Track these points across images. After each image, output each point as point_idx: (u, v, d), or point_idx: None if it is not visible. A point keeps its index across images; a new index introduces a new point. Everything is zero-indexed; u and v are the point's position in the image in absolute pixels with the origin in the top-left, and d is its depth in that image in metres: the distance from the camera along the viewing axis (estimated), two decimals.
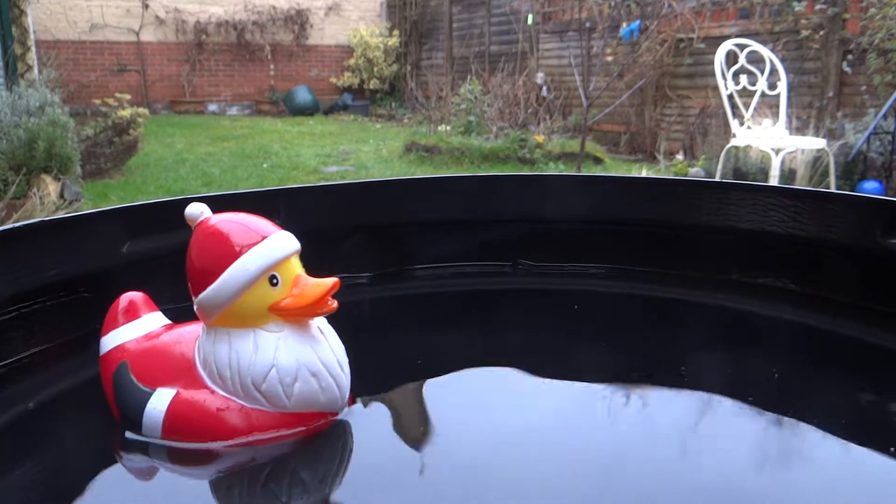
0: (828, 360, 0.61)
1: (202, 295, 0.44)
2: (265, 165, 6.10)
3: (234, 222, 0.45)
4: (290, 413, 0.44)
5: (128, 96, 6.17)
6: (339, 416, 0.46)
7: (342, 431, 0.46)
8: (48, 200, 4.03)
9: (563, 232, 0.74)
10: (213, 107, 10.47)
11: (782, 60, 4.45)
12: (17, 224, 0.52)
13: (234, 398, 0.44)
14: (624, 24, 6.58)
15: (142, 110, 5.90)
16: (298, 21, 10.64)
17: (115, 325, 0.46)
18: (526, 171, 5.70)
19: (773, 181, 3.96)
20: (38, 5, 8.60)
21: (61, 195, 4.17)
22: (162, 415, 0.43)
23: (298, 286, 0.44)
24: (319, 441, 0.45)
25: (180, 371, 0.44)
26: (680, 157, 5.65)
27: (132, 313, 0.46)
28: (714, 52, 4.44)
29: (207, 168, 5.88)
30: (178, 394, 0.43)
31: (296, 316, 0.45)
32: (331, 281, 0.44)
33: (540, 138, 6.21)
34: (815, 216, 0.63)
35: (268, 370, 0.43)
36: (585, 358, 0.61)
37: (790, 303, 0.66)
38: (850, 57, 5.13)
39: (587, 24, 7.03)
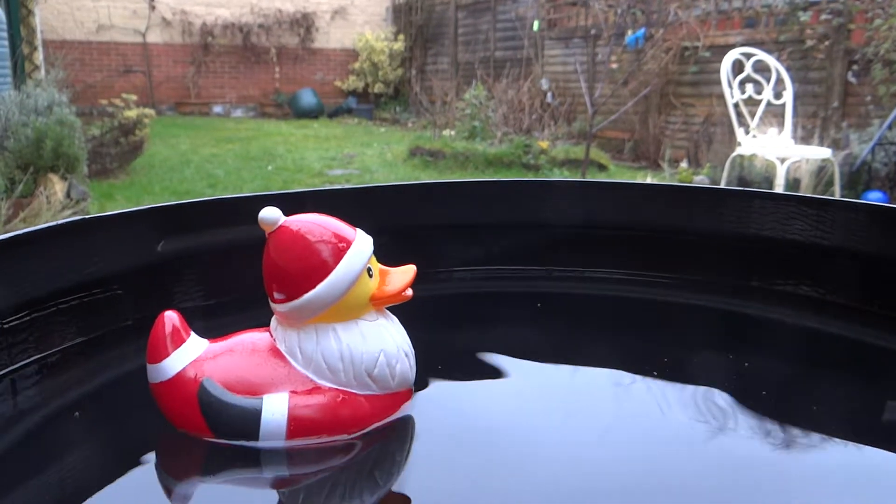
0: (847, 365, 0.62)
1: (308, 295, 0.44)
2: (270, 168, 6.12)
3: (320, 223, 0.46)
4: (393, 393, 0.47)
5: (134, 97, 6.19)
6: None
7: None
8: (54, 200, 4.05)
9: (587, 237, 0.75)
10: (217, 108, 10.50)
11: (787, 70, 4.47)
12: (58, 222, 0.53)
13: (346, 388, 0.45)
14: (629, 32, 6.61)
15: (148, 111, 5.93)
16: (304, 24, 10.67)
17: (169, 349, 0.45)
18: (530, 177, 5.72)
19: (778, 190, 3.97)
20: (46, 5, 8.64)
21: (68, 194, 4.18)
22: (284, 419, 0.43)
23: (388, 275, 0.48)
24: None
25: (278, 375, 0.45)
26: (684, 164, 5.66)
27: (180, 334, 0.45)
28: (719, 61, 4.46)
29: (212, 169, 5.90)
30: (292, 396, 0.44)
31: (388, 303, 0.48)
32: (413, 268, 0.49)
33: (544, 144, 6.23)
34: (836, 225, 0.64)
35: (377, 356, 0.46)
36: (600, 357, 0.62)
37: (812, 310, 0.67)
38: (855, 67, 5.15)
39: (592, 31, 7.06)
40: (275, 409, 0.44)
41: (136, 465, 0.45)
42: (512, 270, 0.77)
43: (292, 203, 0.60)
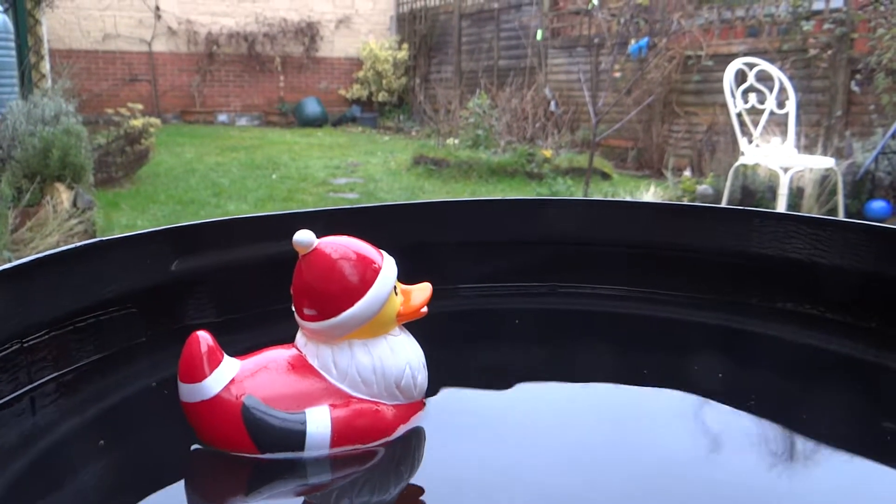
0: (845, 381, 0.63)
1: (345, 314, 0.47)
2: (274, 176, 6.15)
3: (353, 247, 0.49)
4: (415, 402, 0.51)
5: (140, 106, 6.24)
6: None
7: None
8: (61, 209, 4.07)
9: (592, 255, 0.76)
10: (222, 117, 10.55)
11: (790, 79, 4.48)
12: (82, 243, 0.55)
13: (378, 399, 0.48)
14: (632, 41, 6.64)
15: (154, 120, 5.97)
16: (309, 33, 10.74)
17: (207, 368, 0.45)
18: (534, 186, 5.73)
19: (782, 199, 3.98)
20: (53, 15, 8.69)
21: (74, 203, 4.20)
22: (328, 431, 0.46)
23: (409, 293, 0.51)
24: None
25: (315, 390, 0.47)
26: (687, 173, 5.67)
27: (216, 353, 0.46)
28: (722, 70, 4.47)
29: (217, 178, 5.93)
30: (332, 409, 0.46)
31: (410, 319, 0.51)
32: (428, 286, 0.52)
33: (548, 153, 6.25)
34: (835, 245, 0.66)
35: (404, 369, 0.49)
36: (597, 372, 0.64)
37: (812, 327, 0.68)
38: (858, 76, 5.17)
39: (596, 41, 7.09)
40: (318, 422, 0.46)
41: (157, 481, 0.46)
42: (516, 287, 0.79)
43: (306, 222, 0.61)
